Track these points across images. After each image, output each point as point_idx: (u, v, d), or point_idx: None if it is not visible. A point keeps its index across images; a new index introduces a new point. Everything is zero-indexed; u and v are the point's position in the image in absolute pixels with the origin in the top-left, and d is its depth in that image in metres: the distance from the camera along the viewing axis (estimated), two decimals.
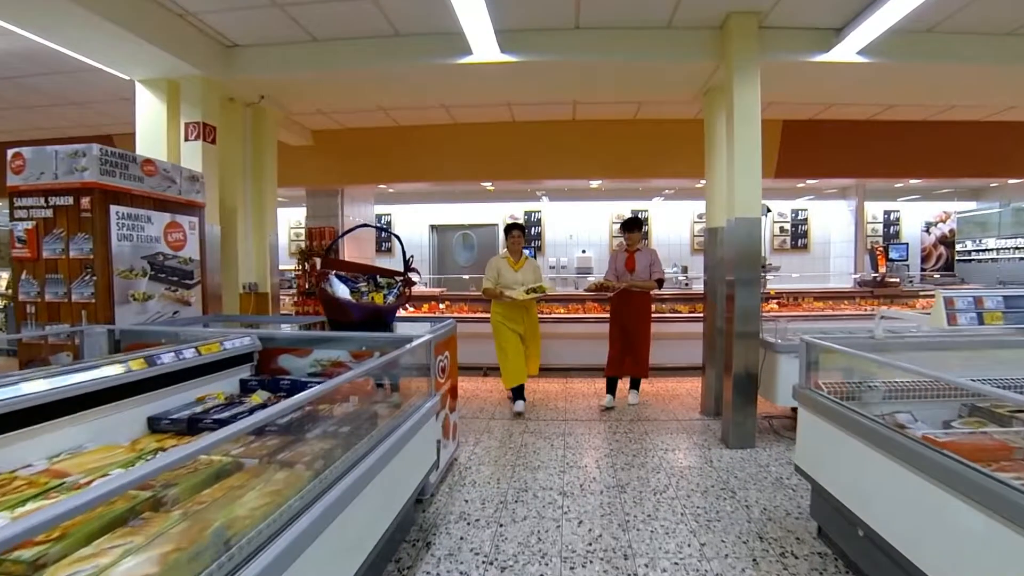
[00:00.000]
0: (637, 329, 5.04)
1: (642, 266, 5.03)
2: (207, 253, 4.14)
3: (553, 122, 6.41)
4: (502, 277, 4.90)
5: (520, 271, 4.97)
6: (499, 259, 5.03)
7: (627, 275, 5.03)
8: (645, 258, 5.07)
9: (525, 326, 4.99)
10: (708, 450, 3.94)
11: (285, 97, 5.03)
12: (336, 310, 2.99)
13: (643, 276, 5.02)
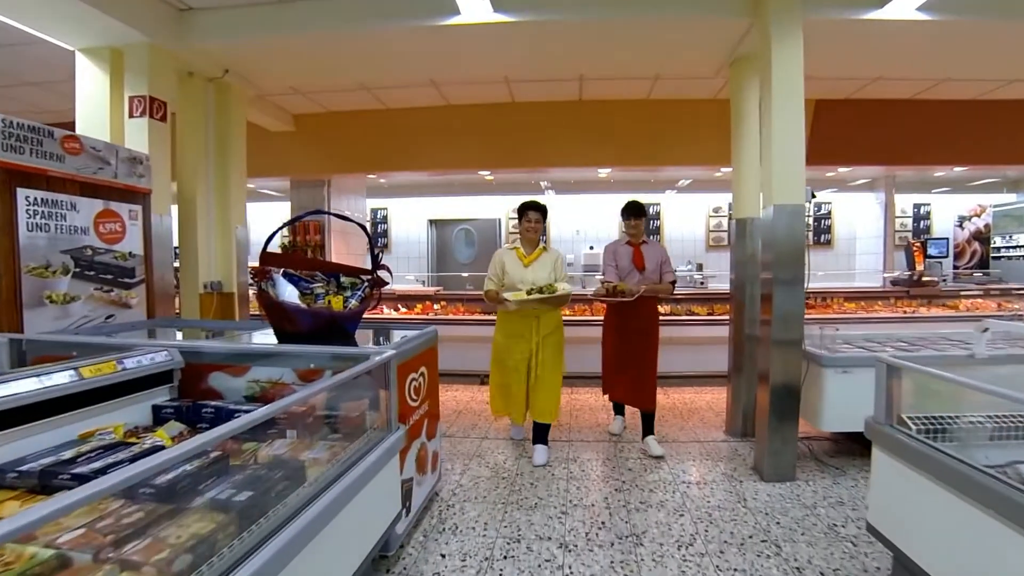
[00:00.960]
0: (645, 345, 3.90)
1: (653, 264, 3.94)
2: (154, 247, 3.56)
3: (557, 103, 5.77)
4: (508, 275, 3.68)
5: (532, 267, 3.67)
6: (505, 251, 3.80)
7: (636, 275, 3.92)
8: (655, 254, 3.98)
9: (537, 345, 3.66)
10: (739, 483, 3.31)
11: (252, 71, 4.43)
12: (280, 317, 2.39)
13: (654, 277, 3.94)
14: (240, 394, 2.35)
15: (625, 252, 3.97)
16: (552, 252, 3.79)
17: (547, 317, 3.69)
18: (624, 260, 3.95)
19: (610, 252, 4.03)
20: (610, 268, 4.00)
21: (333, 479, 1.74)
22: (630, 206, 3.93)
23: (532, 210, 3.67)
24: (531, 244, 3.75)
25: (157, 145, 3.72)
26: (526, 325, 3.67)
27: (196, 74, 4.27)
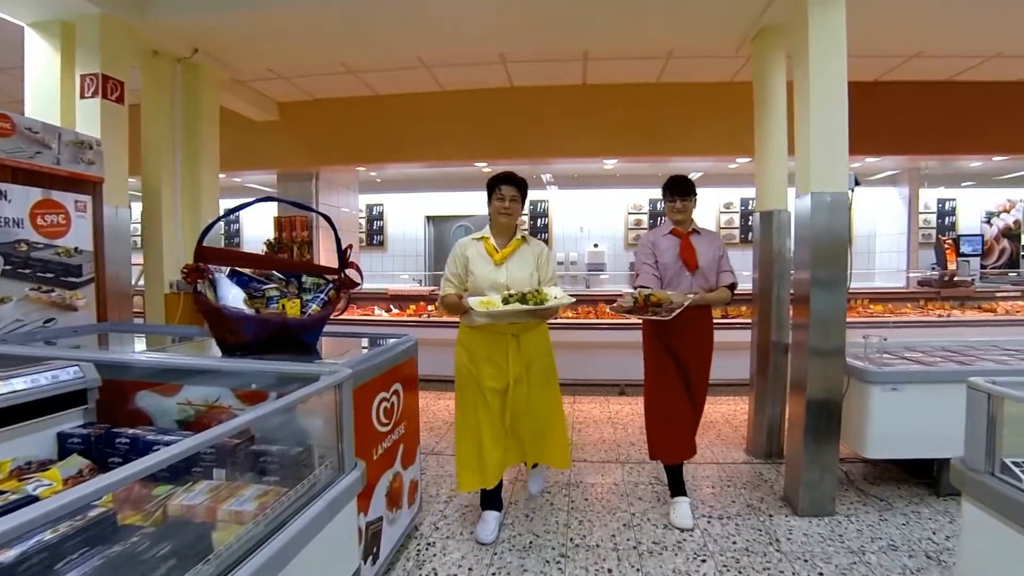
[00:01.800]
0: (700, 373, 2.93)
1: (707, 260, 2.88)
2: (107, 242, 3.15)
3: (559, 88, 5.34)
4: (473, 277, 2.61)
5: (506, 265, 2.61)
6: (470, 242, 2.71)
7: (684, 276, 2.86)
8: (710, 246, 2.92)
9: (515, 376, 2.58)
10: (769, 518, 2.87)
11: (224, 51, 4.02)
12: (219, 324, 1.97)
13: (709, 279, 2.88)
14: (172, 417, 1.94)
15: (670, 245, 2.91)
16: (534, 244, 2.73)
17: (530, 336, 2.62)
18: (668, 256, 2.89)
19: (647, 245, 2.97)
20: (647, 268, 2.89)
21: (260, 540, 1.32)
22: (675, 182, 2.91)
23: (506, 184, 2.61)
24: (505, 233, 2.68)
25: (112, 129, 3.31)
26: (498, 347, 2.57)
27: (162, 53, 3.86)
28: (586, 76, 5.13)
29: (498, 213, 2.64)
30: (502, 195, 2.62)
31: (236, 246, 9.53)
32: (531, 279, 2.60)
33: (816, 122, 2.83)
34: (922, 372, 3.01)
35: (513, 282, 2.56)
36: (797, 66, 3.00)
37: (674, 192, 2.91)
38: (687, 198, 2.91)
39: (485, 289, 2.55)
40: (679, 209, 2.92)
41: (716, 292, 2.89)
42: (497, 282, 2.56)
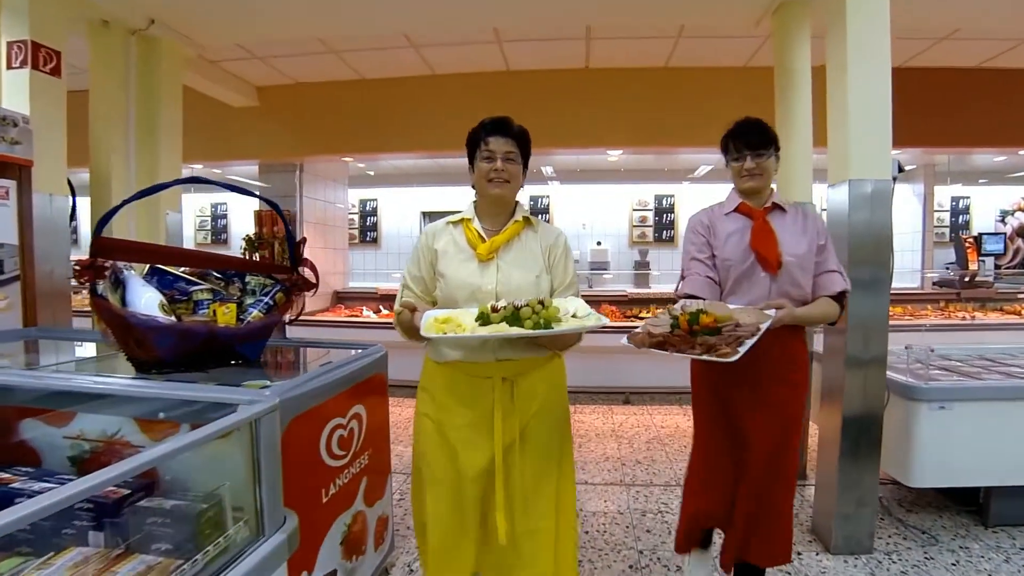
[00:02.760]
0: (776, 432, 1.86)
1: (800, 251, 1.85)
2: (36, 235, 2.75)
3: (560, 72, 4.93)
4: (445, 280, 1.68)
5: (499, 262, 1.67)
6: (442, 228, 1.78)
7: (761, 278, 1.85)
8: (804, 231, 1.90)
9: (506, 446, 1.63)
10: (797, 555, 2.46)
11: (185, 22, 3.61)
12: (125, 335, 1.57)
13: (801, 285, 1.85)
14: (64, 454, 1.55)
15: (736, 229, 1.89)
16: (544, 230, 1.76)
17: (532, 380, 1.66)
18: (733, 246, 1.87)
19: (699, 230, 1.94)
20: (697, 268, 1.90)
21: None
22: (745, 127, 1.87)
23: (496, 134, 1.65)
24: (497, 212, 1.73)
25: (45, 105, 2.90)
26: (480, 398, 1.63)
27: (113, 24, 3.45)
28: (589, 59, 4.72)
29: (485, 181, 1.64)
30: (490, 152, 1.63)
31: (224, 244, 9.13)
32: (536, 285, 1.64)
33: (856, 102, 2.44)
34: (977, 388, 2.61)
35: (508, 288, 1.61)
36: (832, 41, 2.60)
37: (744, 142, 1.83)
38: (764, 152, 1.81)
39: (462, 300, 1.61)
40: (752, 171, 1.83)
41: (814, 306, 1.82)
42: (482, 289, 1.61)
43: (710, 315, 1.57)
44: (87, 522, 1.22)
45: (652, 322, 1.64)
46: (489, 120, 1.69)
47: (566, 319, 1.48)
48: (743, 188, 1.90)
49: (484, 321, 1.44)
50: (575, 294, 1.70)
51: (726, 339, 1.50)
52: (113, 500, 1.23)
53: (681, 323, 1.57)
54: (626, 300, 5.90)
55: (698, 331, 1.53)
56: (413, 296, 1.71)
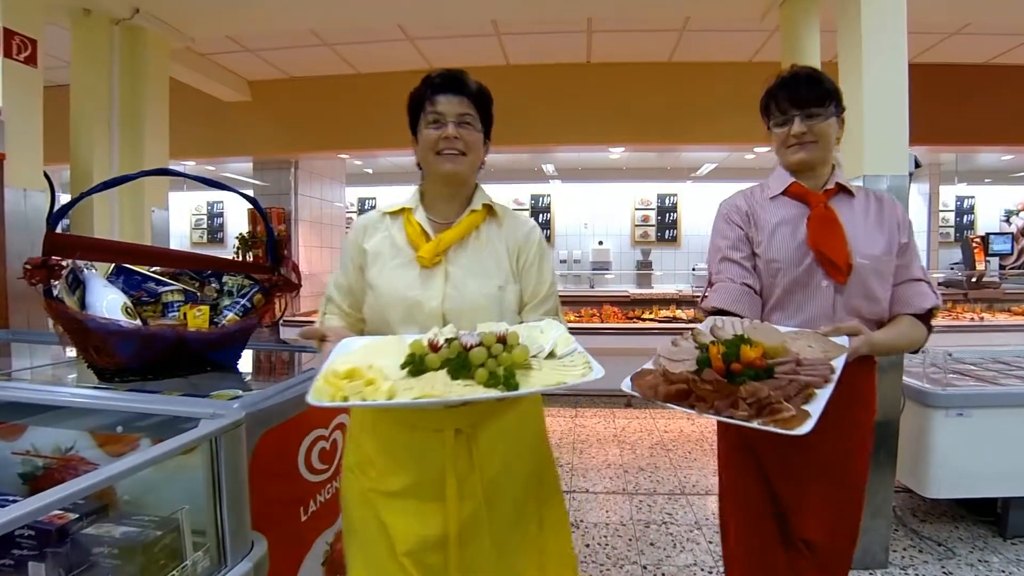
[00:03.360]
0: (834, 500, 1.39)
1: (876, 251, 1.34)
2: (8, 232, 2.65)
3: (560, 67, 4.81)
4: (376, 291, 1.23)
5: (448, 267, 1.22)
6: (378, 220, 1.31)
7: (819, 290, 1.34)
8: (879, 223, 1.38)
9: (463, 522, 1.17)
10: None
11: (171, 11, 3.48)
12: (84, 340, 1.44)
13: (877, 299, 1.34)
14: (15, 471, 1.42)
15: (786, 218, 1.39)
16: (512, 223, 1.31)
17: (497, 431, 1.23)
18: (783, 244, 1.37)
19: (733, 219, 1.44)
20: (729, 270, 1.40)
21: None
22: (791, 79, 1.36)
23: (450, 92, 1.21)
24: (449, 196, 1.29)
25: (19, 96, 2.77)
26: (425, 453, 1.19)
27: (95, 12, 3.32)
28: (591, 53, 4.60)
29: (433, 153, 1.21)
30: (439, 114, 1.19)
31: (220, 243, 9.02)
32: (499, 300, 1.21)
33: (871, 95, 2.33)
34: (997, 395, 2.49)
35: (459, 306, 1.18)
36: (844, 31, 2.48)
37: (789, 98, 1.33)
38: (819, 111, 1.32)
39: (396, 322, 1.19)
40: (801, 138, 1.33)
41: (896, 329, 1.34)
42: (422, 306, 1.18)
43: (756, 345, 1.05)
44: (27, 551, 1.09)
45: (669, 352, 1.12)
46: (437, 74, 1.23)
47: (539, 364, 1.00)
48: (791, 162, 1.38)
49: (415, 368, 0.97)
50: (554, 314, 1.25)
51: (784, 387, 0.97)
52: (57, 527, 1.10)
53: (713, 358, 1.03)
54: (628, 301, 5.78)
55: (740, 373, 1.00)
56: (337, 313, 1.30)
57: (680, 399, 1.00)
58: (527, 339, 1.04)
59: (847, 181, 1.42)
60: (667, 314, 5.36)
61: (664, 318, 5.26)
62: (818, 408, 0.95)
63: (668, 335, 4.31)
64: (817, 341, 1.16)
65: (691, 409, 0.99)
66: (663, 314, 5.36)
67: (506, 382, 0.93)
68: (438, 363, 0.98)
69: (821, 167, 1.39)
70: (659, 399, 1.01)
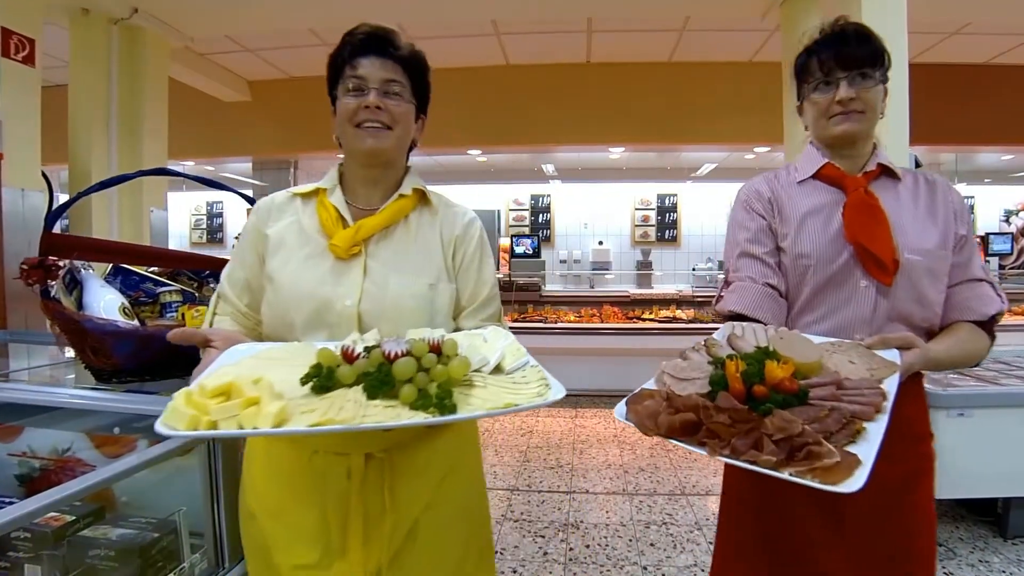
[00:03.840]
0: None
1: (928, 246, 1.09)
2: (6, 232, 2.64)
3: (560, 67, 4.81)
4: (276, 286, 1.00)
5: (368, 260, 1.01)
6: (286, 202, 1.08)
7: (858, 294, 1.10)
8: (932, 209, 1.13)
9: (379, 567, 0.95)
10: None
11: (170, 10, 3.48)
12: (80, 341, 1.43)
13: (929, 305, 1.10)
14: (12, 472, 1.41)
15: (817, 206, 1.16)
16: (450, 211, 1.13)
17: (415, 450, 1.00)
18: (815, 235, 1.14)
19: (754, 207, 1.20)
20: (749, 267, 1.17)
21: None
22: (838, 35, 1.11)
23: (374, 54, 1.00)
24: (372, 178, 1.08)
25: (17, 95, 2.76)
26: (326, 485, 0.95)
27: (94, 12, 3.32)
28: (591, 53, 4.60)
29: (351, 126, 1.00)
30: (360, 79, 1.00)
31: (219, 243, 9.01)
32: (429, 301, 1.01)
33: None
34: (998, 395, 2.49)
35: (380, 307, 0.98)
36: None
37: (835, 57, 1.10)
38: (870, 74, 1.09)
39: (301, 326, 0.98)
40: (849, 105, 1.09)
41: (953, 338, 1.11)
42: (334, 307, 0.98)
43: (785, 361, 0.84)
44: (24, 553, 1.08)
45: (675, 369, 0.91)
46: (361, 31, 1.01)
47: (483, 380, 0.80)
48: (833, 134, 1.13)
49: (321, 383, 0.76)
50: (496, 321, 1.08)
51: (822, 419, 0.75)
52: (54, 529, 1.09)
53: (730, 378, 0.81)
54: (628, 301, 5.77)
55: (765, 398, 0.78)
56: (231, 314, 1.06)
57: (687, 433, 0.78)
58: (468, 349, 0.83)
59: (892, 161, 1.17)
60: (667, 314, 5.35)
61: (664, 318, 5.25)
62: (871, 451, 0.71)
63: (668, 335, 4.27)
64: (860, 355, 0.93)
65: (700, 448, 0.75)
66: (663, 314, 5.36)
67: (440, 403, 0.71)
68: (352, 378, 0.76)
69: (863, 144, 1.16)
70: (660, 433, 0.78)
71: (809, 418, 0.75)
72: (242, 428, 0.67)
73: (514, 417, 4.42)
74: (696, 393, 0.82)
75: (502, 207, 8.39)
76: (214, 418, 0.66)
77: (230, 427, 0.66)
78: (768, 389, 0.79)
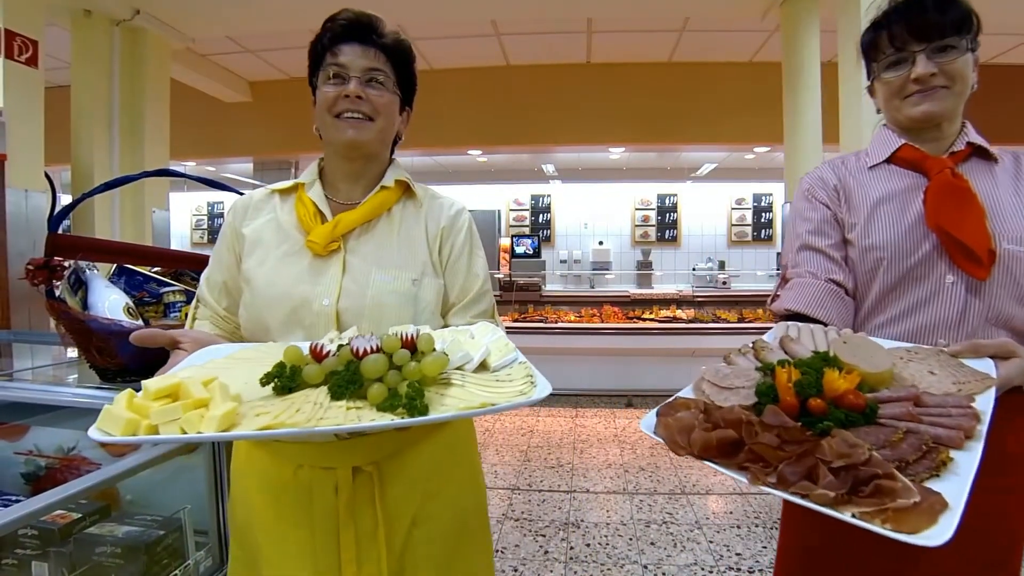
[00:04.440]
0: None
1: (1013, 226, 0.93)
2: (10, 233, 2.65)
3: (560, 67, 4.83)
4: (253, 286, 0.95)
5: (348, 257, 0.96)
6: (264, 200, 1.04)
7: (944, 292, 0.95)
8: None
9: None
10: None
11: (171, 12, 3.50)
12: (86, 341, 1.44)
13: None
14: (18, 471, 1.42)
15: (892, 192, 1.01)
16: (435, 203, 1.07)
17: (405, 461, 0.95)
18: (889, 225, 0.99)
19: (817, 196, 1.08)
20: (811, 261, 1.05)
21: None
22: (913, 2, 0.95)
23: (356, 41, 0.96)
24: (353, 172, 1.02)
25: (20, 96, 2.78)
26: (314, 500, 0.90)
27: (96, 13, 3.34)
28: (591, 53, 4.61)
29: (331, 116, 0.96)
30: (341, 67, 0.96)
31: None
32: (413, 298, 0.96)
33: None
34: None
35: (359, 304, 0.93)
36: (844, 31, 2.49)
37: (909, 27, 0.94)
38: (954, 45, 0.93)
39: (277, 327, 0.94)
40: (932, 80, 0.94)
41: None
42: (311, 306, 0.93)
43: (848, 370, 0.71)
44: (31, 551, 1.10)
45: (716, 376, 0.77)
46: (343, 16, 0.97)
47: (462, 379, 0.74)
48: (911, 117, 0.98)
49: (284, 384, 0.70)
50: (489, 317, 1.03)
51: (895, 444, 0.62)
52: (60, 526, 1.10)
53: (780, 388, 0.69)
54: (628, 301, 5.78)
55: (824, 415, 0.65)
56: (210, 318, 1.03)
57: (725, 454, 0.64)
58: (451, 345, 0.77)
59: (986, 141, 1.01)
60: (667, 314, 5.36)
61: (664, 318, 5.26)
62: (961, 491, 0.55)
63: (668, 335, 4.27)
64: (944, 365, 0.78)
65: (741, 475, 0.61)
66: (663, 314, 5.36)
67: (410, 404, 0.65)
68: (320, 377, 0.70)
69: (948, 124, 1.00)
70: (693, 454, 0.65)
71: (879, 442, 0.61)
72: (184, 433, 0.60)
73: (515, 417, 4.43)
74: (739, 405, 0.69)
75: (502, 207, 8.40)
76: (154, 422, 0.60)
77: (171, 432, 0.60)
78: (827, 403, 0.66)
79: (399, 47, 1.00)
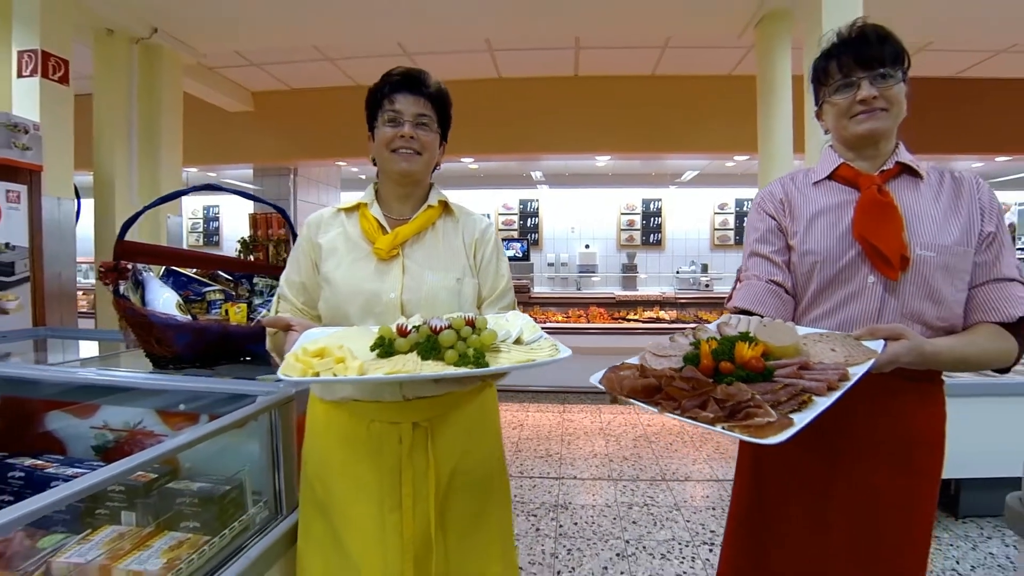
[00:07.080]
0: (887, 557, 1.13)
1: (945, 242, 1.10)
2: (46, 238, 2.85)
3: (549, 79, 5.08)
4: (332, 285, 1.22)
5: (405, 261, 1.23)
6: (331, 217, 1.31)
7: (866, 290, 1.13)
8: (955, 205, 1.14)
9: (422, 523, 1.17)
10: None
11: (186, 31, 3.72)
12: (146, 333, 1.68)
13: (948, 304, 1.10)
14: (89, 443, 1.65)
15: (829, 206, 1.20)
16: (467, 219, 1.34)
17: (454, 426, 1.24)
18: (823, 233, 1.18)
19: (766, 209, 1.28)
20: (757, 266, 1.24)
21: None
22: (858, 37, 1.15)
23: (408, 92, 1.23)
24: (405, 195, 1.29)
25: (55, 112, 2.99)
26: (381, 454, 1.18)
27: (117, 33, 3.55)
28: (578, 67, 4.88)
29: (388, 151, 1.22)
30: (396, 112, 1.21)
31: (215, 245, 9.20)
32: (458, 292, 1.22)
33: None
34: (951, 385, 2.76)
35: (417, 297, 1.19)
36: (809, 50, 2.76)
37: (855, 57, 1.13)
38: (891, 73, 1.12)
39: (355, 314, 1.19)
40: (871, 104, 1.12)
41: (967, 338, 1.10)
42: (381, 298, 1.18)
43: (758, 344, 0.92)
44: (119, 503, 1.33)
45: (657, 348, 1.03)
46: (397, 72, 1.25)
47: (507, 348, 1.03)
48: (857, 133, 1.15)
49: (385, 350, 0.98)
50: (512, 307, 1.30)
51: (775, 392, 0.82)
52: (143, 483, 1.34)
53: (703, 355, 0.91)
54: (614, 302, 6.05)
55: (730, 373, 0.87)
56: (290, 311, 1.28)
57: (646, 395, 0.85)
58: (495, 325, 1.06)
59: (914, 160, 1.18)
60: (651, 315, 5.62)
61: (648, 319, 5.52)
62: (807, 418, 0.76)
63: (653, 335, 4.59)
64: (845, 345, 0.96)
65: (654, 408, 0.83)
66: (647, 315, 5.62)
67: (476, 361, 0.95)
68: (407, 347, 0.99)
69: (885, 143, 1.18)
70: (623, 394, 0.87)
71: (763, 390, 0.82)
72: (336, 376, 0.92)
73: (505, 412, 4.68)
74: (670, 367, 0.92)
75: (492, 212, 8.66)
76: (317, 369, 0.92)
77: (328, 376, 0.92)
78: (734, 366, 0.88)
79: (440, 95, 1.28)
